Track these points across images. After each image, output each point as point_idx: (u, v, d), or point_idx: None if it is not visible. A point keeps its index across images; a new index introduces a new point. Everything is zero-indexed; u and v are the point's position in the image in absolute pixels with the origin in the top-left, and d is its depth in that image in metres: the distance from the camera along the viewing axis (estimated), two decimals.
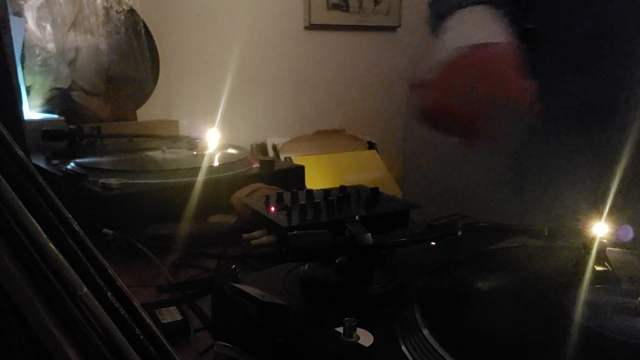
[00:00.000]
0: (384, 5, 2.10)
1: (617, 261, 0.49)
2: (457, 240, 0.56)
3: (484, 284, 0.48)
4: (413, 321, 0.39)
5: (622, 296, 0.43)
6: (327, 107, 2.07)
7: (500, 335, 0.38)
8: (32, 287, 0.24)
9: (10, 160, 0.25)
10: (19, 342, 0.25)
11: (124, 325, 0.26)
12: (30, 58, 1.33)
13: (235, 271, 0.53)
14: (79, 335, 0.25)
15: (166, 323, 0.51)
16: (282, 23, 1.91)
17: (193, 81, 1.73)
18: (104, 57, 1.41)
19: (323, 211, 0.72)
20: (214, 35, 1.76)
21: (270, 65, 1.91)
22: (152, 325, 0.27)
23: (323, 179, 1.75)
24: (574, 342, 0.37)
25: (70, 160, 0.95)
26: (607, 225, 0.49)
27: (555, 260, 0.51)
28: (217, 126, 1.13)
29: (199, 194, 0.81)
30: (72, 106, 1.36)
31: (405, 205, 0.77)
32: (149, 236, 0.73)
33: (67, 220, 0.26)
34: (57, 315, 0.25)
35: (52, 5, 1.33)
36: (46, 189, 0.26)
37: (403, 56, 2.21)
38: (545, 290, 0.45)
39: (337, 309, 0.42)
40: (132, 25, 1.46)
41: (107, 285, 0.26)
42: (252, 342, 0.43)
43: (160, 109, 1.60)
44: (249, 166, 0.97)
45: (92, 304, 0.25)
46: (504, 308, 0.42)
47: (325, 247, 0.45)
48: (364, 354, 0.37)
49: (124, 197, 0.77)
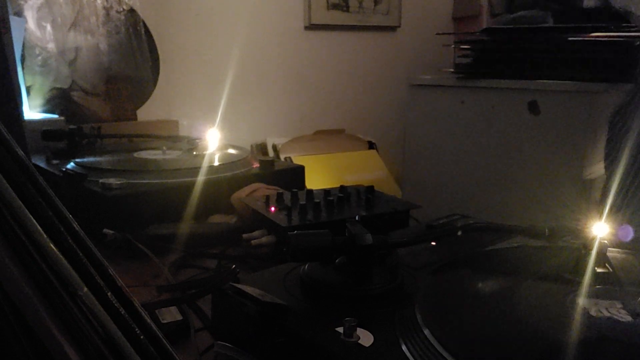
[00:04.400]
0: (384, 5, 2.10)
1: (618, 261, 0.49)
2: (457, 240, 0.56)
3: (483, 284, 0.48)
4: (413, 321, 0.39)
5: (622, 296, 0.43)
6: (327, 107, 2.07)
7: (500, 336, 0.38)
8: (32, 287, 0.24)
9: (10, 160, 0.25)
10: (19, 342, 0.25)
11: (124, 325, 0.26)
12: (31, 58, 1.33)
13: (235, 271, 0.53)
14: (79, 335, 0.25)
15: (166, 323, 0.51)
16: (282, 23, 1.91)
17: (193, 81, 1.73)
18: (104, 57, 1.41)
19: (323, 211, 0.72)
20: (214, 35, 1.76)
21: (270, 65, 1.91)
22: (152, 325, 0.27)
23: (323, 179, 1.75)
24: (574, 342, 0.37)
25: (70, 160, 0.95)
26: (607, 225, 0.49)
27: (555, 261, 0.51)
28: (217, 126, 1.13)
29: (199, 194, 0.81)
30: (72, 106, 1.36)
31: (405, 205, 0.77)
32: (149, 236, 0.73)
33: (67, 220, 0.26)
34: (57, 315, 0.25)
35: (52, 5, 1.33)
36: (46, 189, 0.26)
37: (403, 56, 2.21)
38: (545, 290, 0.45)
39: (337, 309, 0.42)
40: (132, 25, 1.46)
41: (107, 285, 0.26)
42: (252, 342, 0.43)
43: (160, 109, 1.60)
44: (249, 166, 0.97)
45: (92, 304, 0.25)
46: (504, 308, 0.42)
47: (325, 247, 0.45)
48: (364, 354, 0.37)
49: (124, 197, 0.77)
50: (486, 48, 1.45)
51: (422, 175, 1.60)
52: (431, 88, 1.54)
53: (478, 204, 1.41)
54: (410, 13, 2.18)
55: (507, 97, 1.34)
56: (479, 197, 1.42)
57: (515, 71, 1.36)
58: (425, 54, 2.21)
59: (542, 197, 1.20)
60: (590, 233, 0.49)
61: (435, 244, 0.58)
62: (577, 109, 1.19)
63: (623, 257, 0.51)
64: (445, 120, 1.50)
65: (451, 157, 1.50)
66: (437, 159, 1.54)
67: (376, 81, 2.16)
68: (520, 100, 1.31)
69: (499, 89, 1.37)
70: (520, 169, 1.31)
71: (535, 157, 1.28)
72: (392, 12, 2.13)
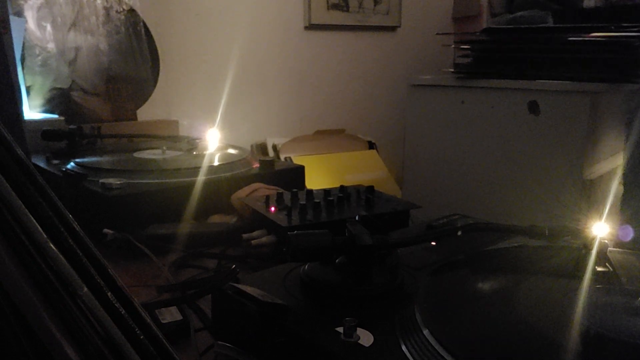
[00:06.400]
0: (384, 5, 2.10)
1: (618, 261, 0.49)
2: (457, 240, 0.56)
3: (484, 284, 0.48)
4: (413, 321, 0.39)
5: (622, 296, 0.43)
6: (327, 107, 2.07)
7: (501, 336, 0.38)
8: (32, 287, 0.24)
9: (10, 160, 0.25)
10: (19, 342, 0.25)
11: (124, 325, 0.26)
12: (31, 58, 1.33)
13: (235, 271, 0.53)
14: (79, 335, 0.25)
15: (166, 323, 0.51)
16: (282, 23, 1.91)
17: (193, 81, 1.73)
18: (104, 57, 1.41)
19: (323, 211, 0.72)
20: (214, 35, 1.76)
21: (271, 65, 1.91)
22: (152, 325, 0.27)
23: (323, 179, 1.75)
24: (575, 342, 0.37)
25: (70, 160, 0.95)
26: (607, 225, 0.49)
27: (555, 260, 0.51)
28: (217, 126, 1.13)
29: (199, 194, 0.81)
30: (72, 106, 1.36)
31: (405, 205, 0.77)
32: (149, 236, 0.73)
33: (67, 220, 0.26)
34: (57, 315, 0.25)
35: (52, 5, 1.33)
36: (46, 189, 0.26)
37: (403, 56, 2.21)
38: (545, 290, 0.45)
39: (337, 309, 0.42)
40: (132, 25, 1.46)
41: (107, 285, 0.26)
42: (252, 342, 0.43)
43: (160, 109, 1.60)
44: (249, 166, 0.97)
45: (92, 304, 0.25)
46: (504, 308, 0.42)
47: (325, 247, 0.45)
48: (364, 354, 0.37)
49: (124, 197, 0.77)
50: (486, 48, 1.45)
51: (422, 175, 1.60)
52: (431, 88, 1.54)
53: (478, 204, 1.41)
54: (410, 13, 2.18)
55: (507, 97, 1.34)
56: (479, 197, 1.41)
57: (515, 71, 1.36)
58: (425, 54, 2.21)
59: (542, 197, 1.20)
60: (591, 233, 0.49)
61: (435, 244, 0.58)
62: (577, 109, 1.19)
63: (623, 257, 0.51)
64: (445, 120, 1.50)
65: (451, 157, 1.50)
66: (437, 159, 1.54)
67: (376, 81, 2.16)
68: (520, 100, 1.30)
69: (499, 89, 1.36)
70: (520, 169, 1.31)
71: (535, 157, 1.28)
72: (392, 12, 2.13)
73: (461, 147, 1.46)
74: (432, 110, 1.54)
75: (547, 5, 1.53)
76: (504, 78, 1.36)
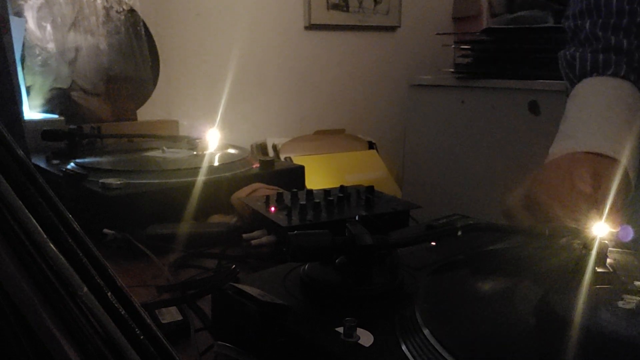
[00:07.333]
0: (384, 5, 2.10)
1: (618, 262, 0.49)
2: (457, 240, 0.56)
3: (484, 284, 0.48)
4: (413, 321, 0.39)
5: (622, 297, 0.43)
6: (327, 107, 2.07)
7: (501, 336, 0.38)
8: (32, 287, 0.24)
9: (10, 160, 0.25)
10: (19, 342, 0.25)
11: (124, 325, 0.26)
12: (31, 58, 1.33)
13: (235, 271, 0.53)
14: (79, 335, 0.25)
15: (166, 323, 0.51)
16: (282, 23, 1.91)
17: (193, 81, 1.73)
18: (104, 57, 1.41)
19: (323, 211, 0.72)
20: (214, 35, 1.76)
21: (270, 65, 1.91)
22: (152, 325, 0.27)
23: (323, 179, 1.75)
24: (575, 342, 0.37)
25: (70, 160, 0.95)
26: (607, 225, 0.49)
27: (555, 261, 0.51)
28: (217, 126, 1.13)
29: (199, 194, 0.81)
30: (72, 106, 1.36)
31: (405, 205, 0.77)
32: (149, 236, 0.73)
33: (67, 220, 0.26)
34: (57, 315, 0.25)
35: (52, 5, 1.33)
36: (46, 189, 0.26)
37: (403, 56, 2.21)
38: (545, 290, 0.45)
39: (337, 309, 0.42)
40: (132, 25, 1.46)
41: (107, 285, 0.26)
42: (252, 342, 0.43)
43: (160, 109, 1.60)
44: (249, 166, 0.97)
45: (92, 304, 0.25)
46: (504, 308, 0.42)
47: (325, 247, 0.45)
48: (364, 354, 0.37)
49: (124, 197, 0.77)
50: (486, 48, 1.46)
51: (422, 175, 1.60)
52: (431, 88, 1.54)
53: (478, 204, 1.41)
54: (410, 13, 2.18)
55: (507, 97, 1.34)
56: (479, 197, 1.42)
57: (515, 71, 1.36)
58: (425, 54, 2.21)
59: None
60: (591, 233, 0.49)
61: (435, 244, 0.58)
62: None
63: (623, 258, 0.51)
64: (445, 120, 1.50)
65: (451, 157, 1.50)
66: (437, 159, 1.54)
67: (376, 81, 2.16)
68: (520, 100, 1.31)
69: (499, 89, 1.37)
70: (520, 169, 1.31)
71: (536, 157, 1.28)
72: (392, 12, 2.13)
73: (461, 147, 1.46)
74: (432, 110, 1.54)
75: (547, 5, 1.53)
76: (504, 78, 1.36)
